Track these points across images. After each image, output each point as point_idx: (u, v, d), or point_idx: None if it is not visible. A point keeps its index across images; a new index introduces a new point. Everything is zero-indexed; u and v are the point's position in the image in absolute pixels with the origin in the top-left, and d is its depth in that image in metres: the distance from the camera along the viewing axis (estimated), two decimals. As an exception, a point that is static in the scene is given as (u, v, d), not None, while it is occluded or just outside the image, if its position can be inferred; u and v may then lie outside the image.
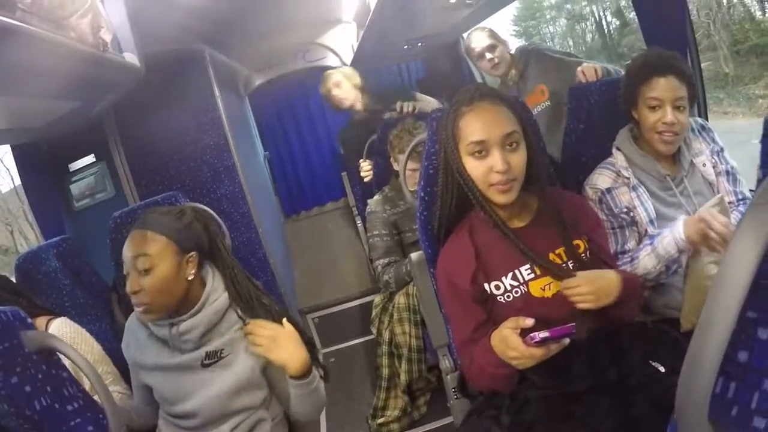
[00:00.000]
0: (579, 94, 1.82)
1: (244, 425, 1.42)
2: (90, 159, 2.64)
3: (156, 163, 2.69)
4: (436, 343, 1.75)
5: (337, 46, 3.91)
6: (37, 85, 1.52)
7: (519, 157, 1.23)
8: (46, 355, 0.97)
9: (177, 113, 2.70)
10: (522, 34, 19.14)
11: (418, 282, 1.74)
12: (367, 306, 3.20)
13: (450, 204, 1.34)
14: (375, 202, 2.54)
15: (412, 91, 3.50)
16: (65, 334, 1.57)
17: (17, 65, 1.28)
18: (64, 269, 1.93)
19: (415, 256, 1.72)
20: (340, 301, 3.78)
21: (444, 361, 1.70)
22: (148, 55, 1.93)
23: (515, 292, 1.28)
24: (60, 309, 1.79)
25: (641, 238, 1.59)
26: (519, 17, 19.06)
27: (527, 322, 1.10)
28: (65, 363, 1.04)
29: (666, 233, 1.44)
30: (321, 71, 3.44)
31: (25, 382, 0.90)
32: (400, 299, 2.37)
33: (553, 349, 1.07)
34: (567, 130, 1.88)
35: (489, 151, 1.22)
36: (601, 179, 1.64)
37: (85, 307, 1.94)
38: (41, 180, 2.58)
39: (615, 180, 1.62)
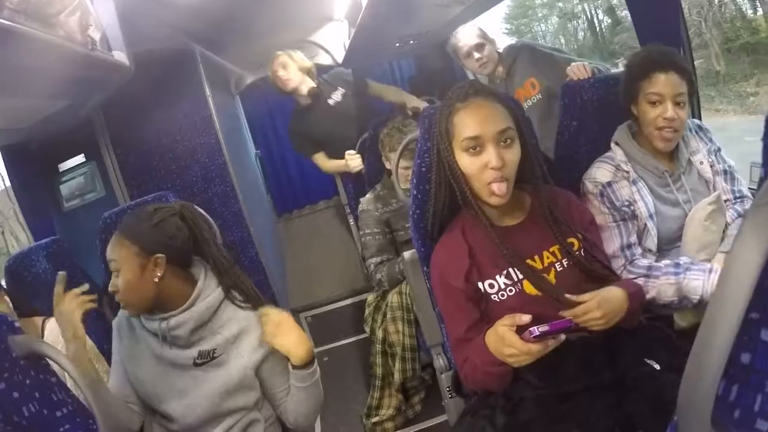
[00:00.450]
0: (572, 91, 1.82)
1: (238, 426, 1.41)
2: (80, 159, 2.62)
3: (146, 162, 2.67)
4: (429, 342, 1.74)
5: (328, 45, 3.90)
6: (25, 84, 1.50)
7: (513, 154, 1.23)
8: (34, 360, 0.96)
9: (167, 112, 2.68)
10: (514, 32, 19.18)
11: (411, 281, 1.73)
12: (360, 305, 3.18)
13: (443, 202, 1.34)
14: (367, 200, 2.53)
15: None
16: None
17: (4, 64, 1.26)
18: (55, 271, 1.90)
19: (408, 255, 1.71)
20: (333, 300, 3.77)
21: (438, 359, 1.69)
22: (138, 54, 1.91)
23: (509, 291, 1.27)
24: (50, 311, 1.77)
25: (640, 233, 1.60)
26: (510, 15, 19.08)
27: (524, 319, 1.09)
28: (54, 368, 1.02)
29: (697, 275, 1.42)
30: (318, 70, 3.43)
31: (13, 388, 0.89)
32: (393, 298, 2.37)
33: (551, 344, 1.06)
34: (560, 127, 1.87)
35: (483, 148, 1.22)
36: (600, 173, 1.63)
37: (76, 308, 1.91)
38: (30, 181, 2.56)
39: (615, 174, 1.62)
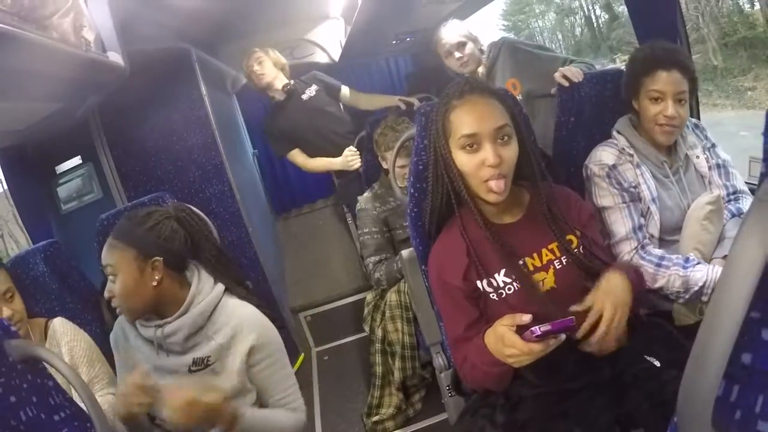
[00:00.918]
0: (569, 87, 1.82)
1: None
2: (76, 161, 2.60)
3: (143, 163, 2.66)
4: (428, 341, 1.74)
5: (325, 43, 3.88)
6: (20, 86, 1.49)
7: (511, 151, 1.22)
8: (31, 364, 0.95)
9: (164, 113, 2.67)
10: (511, 28, 19.22)
11: (410, 279, 1.73)
12: (359, 303, 3.17)
13: (440, 200, 1.33)
14: (365, 199, 2.53)
15: None
16: (67, 332, 1.62)
17: (-3, 67, 1.25)
18: (52, 273, 1.90)
19: (406, 253, 1.71)
20: (332, 299, 3.75)
21: (437, 358, 1.69)
22: (133, 54, 1.89)
23: (508, 289, 1.26)
24: (49, 314, 1.77)
25: (644, 216, 1.61)
26: (508, 11, 19.12)
27: (524, 318, 1.07)
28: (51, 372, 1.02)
29: (702, 267, 1.47)
30: (309, 68, 3.42)
31: (10, 393, 0.88)
32: (392, 297, 2.36)
33: (552, 344, 1.04)
34: (557, 124, 1.88)
35: (481, 145, 1.21)
36: (605, 155, 1.64)
37: (74, 311, 1.90)
38: (28, 183, 2.55)
39: (619, 156, 1.63)
